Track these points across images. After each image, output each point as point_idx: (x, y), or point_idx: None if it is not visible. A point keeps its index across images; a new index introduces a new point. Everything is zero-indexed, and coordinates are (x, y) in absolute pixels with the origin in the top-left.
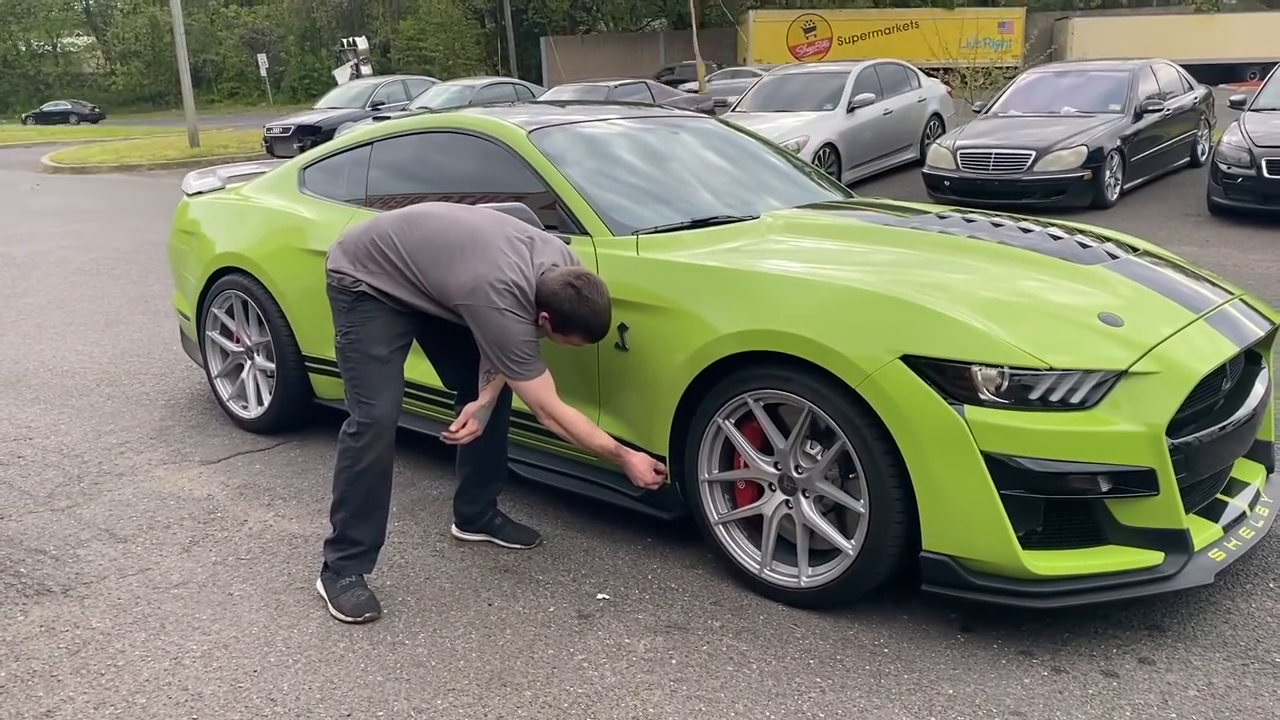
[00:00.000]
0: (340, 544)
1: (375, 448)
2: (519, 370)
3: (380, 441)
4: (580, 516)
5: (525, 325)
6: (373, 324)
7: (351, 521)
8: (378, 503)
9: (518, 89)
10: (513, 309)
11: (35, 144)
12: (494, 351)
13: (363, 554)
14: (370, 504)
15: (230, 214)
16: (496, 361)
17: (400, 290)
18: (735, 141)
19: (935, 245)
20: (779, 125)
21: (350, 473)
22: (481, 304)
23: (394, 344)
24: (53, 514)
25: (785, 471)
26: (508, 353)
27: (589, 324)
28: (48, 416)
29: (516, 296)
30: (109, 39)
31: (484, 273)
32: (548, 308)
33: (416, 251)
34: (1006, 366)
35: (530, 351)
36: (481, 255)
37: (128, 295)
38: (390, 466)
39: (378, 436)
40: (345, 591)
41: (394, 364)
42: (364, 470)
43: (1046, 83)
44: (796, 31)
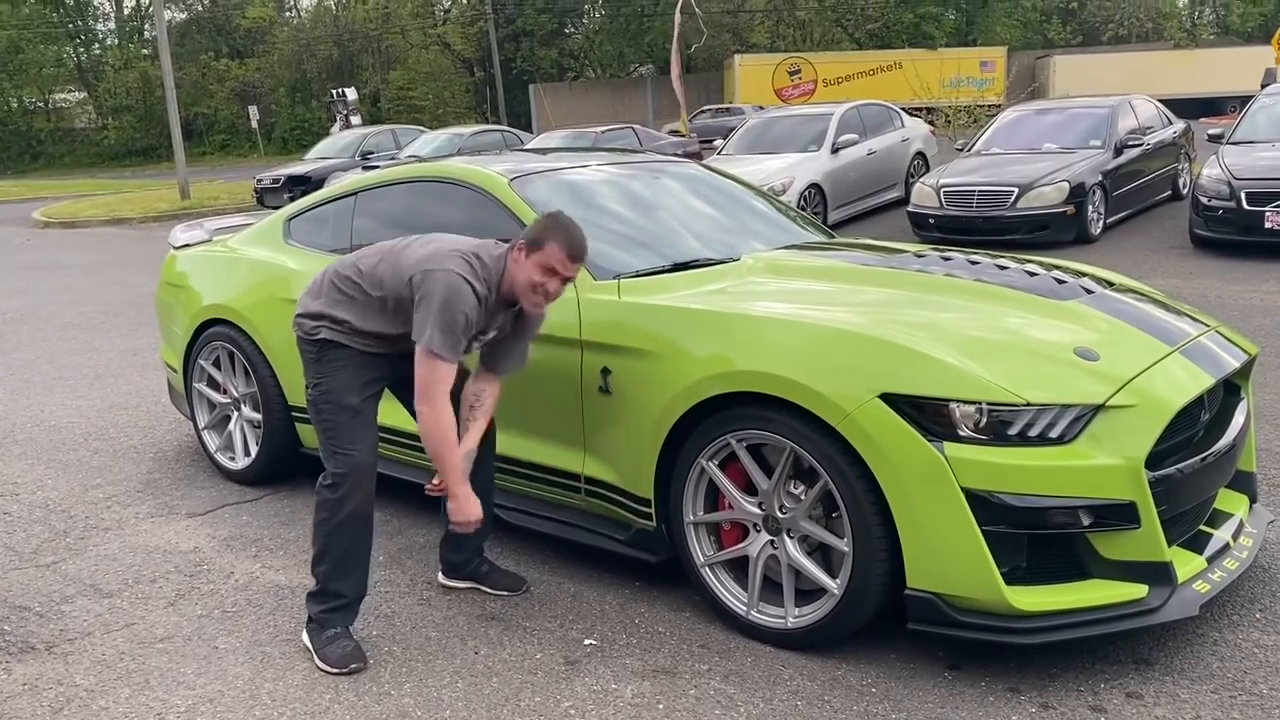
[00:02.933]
0: (323, 597)
1: (353, 498)
2: (439, 343)
3: (358, 491)
4: (567, 561)
5: (472, 295)
6: (342, 373)
7: (333, 574)
8: (359, 554)
9: (505, 136)
10: (465, 272)
11: (27, 199)
12: (427, 312)
13: (346, 606)
14: (351, 556)
15: (216, 266)
16: (422, 323)
17: (362, 316)
18: (716, 185)
19: (913, 284)
20: (764, 167)
21: (329, 525)
22: (435, 268)
23: (365, 392)
24: (38, 570)
25: (770, 512)
26: (440, 317)
27: (566, 230)
28: (34, 471)
29: (471, 263)
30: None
31: (441, 248)
32: (524, 236)
33: (374, 264)
34: (984, 403)
35: (460, 332)
36: (436, 243)
37: (117, 348)
38: (370, 516)
39: (355, 486)
40: (330, 643)
41: (366, 412)
42: (343, 522)
43: (1028, 120)
44: (782, 74)
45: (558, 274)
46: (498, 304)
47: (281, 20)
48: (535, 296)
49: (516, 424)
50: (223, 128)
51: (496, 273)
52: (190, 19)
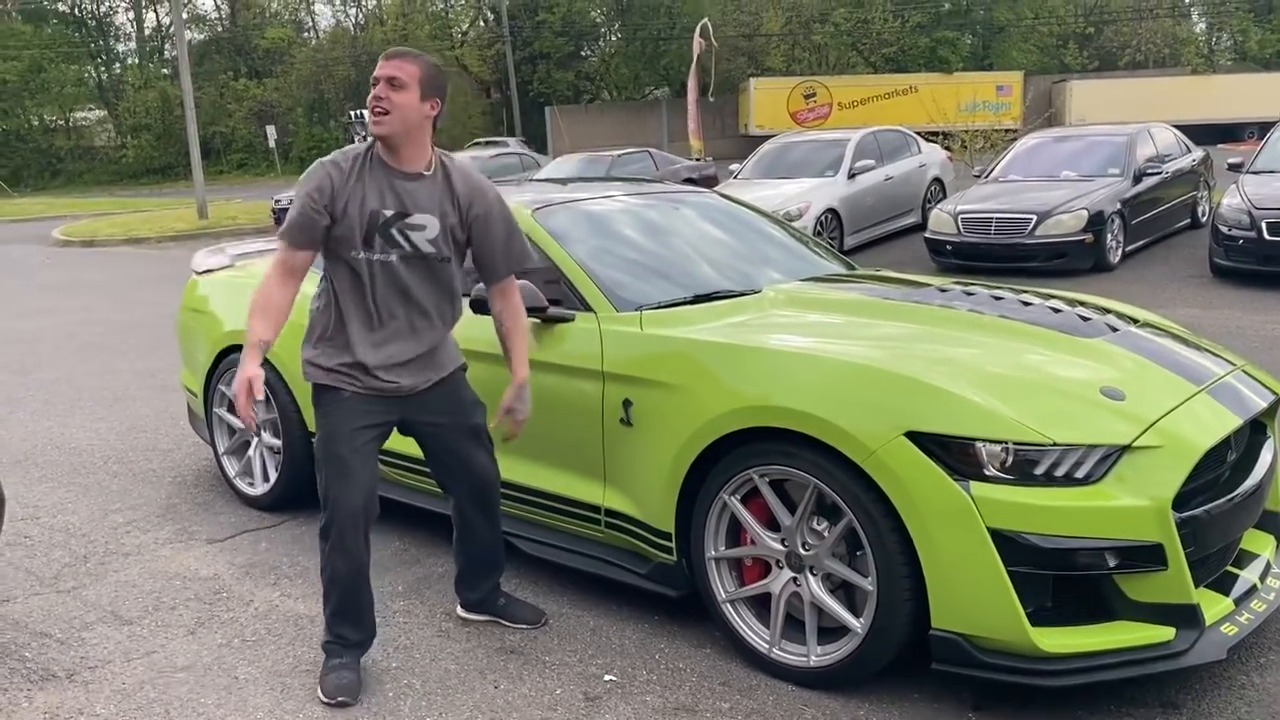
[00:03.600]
0: (328, 630)
1: (340, 549)
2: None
3: (345, 539)
4: (586, 594)
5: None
6: (332, 418)
7: (337, 618)
8: (356, 605)
9: (523, 158)
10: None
11: (47, 217)
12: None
13: (350, 645)
14: (349, 604)
15: (239, 292)
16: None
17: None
18: (736, 215)
19: (937, 320)
20: (780, 192)
21: (326, 574)
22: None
23: (354, 439)
24: (58, 595)
25: (792, 548)
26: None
27: None
28: (55, 495)
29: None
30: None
31: None
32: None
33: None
34: (1010, 442)
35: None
36: None
37: (135, 369)
38: (364, 568)
39: (339, 536)
40: (331, 671)
41: (353, 462)
42: (335, 575)
43: (1046, 147)
44: (797, 98)
45: (379, 78)
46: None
47: (300, 41)
48: (374, 114)
49: (536, 454)
50: (240, 147)
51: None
52: (210, 39)
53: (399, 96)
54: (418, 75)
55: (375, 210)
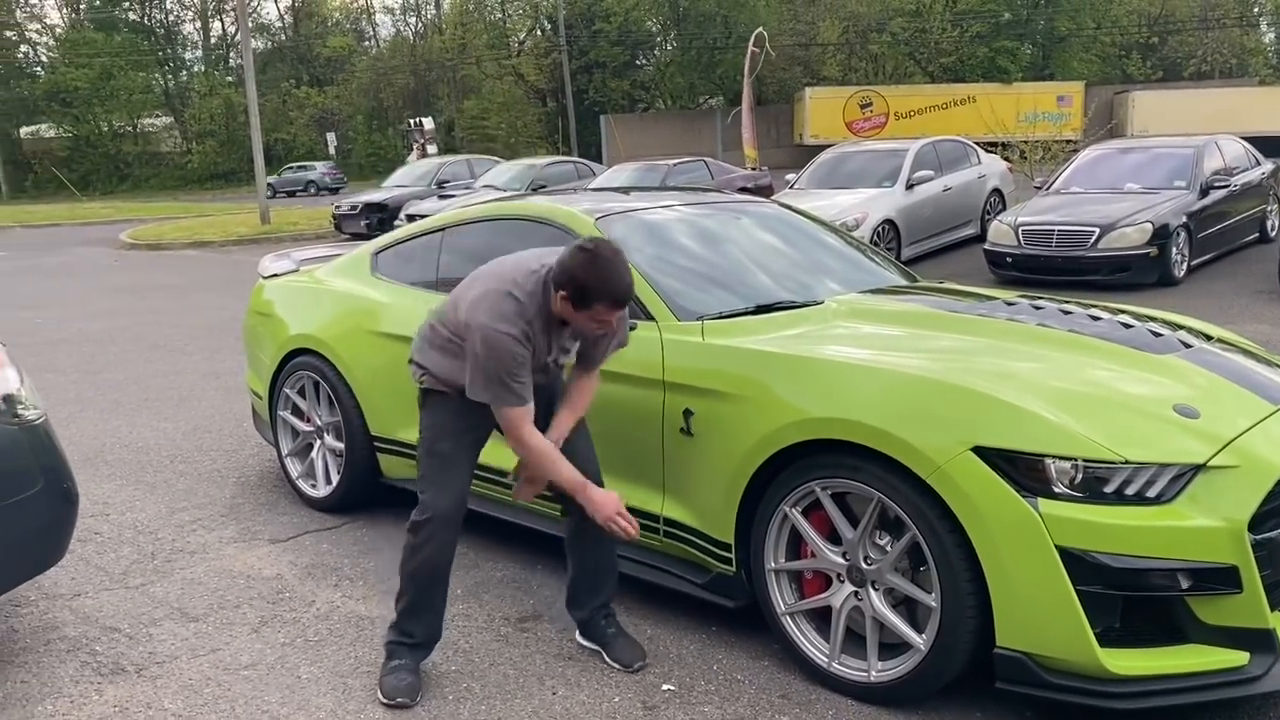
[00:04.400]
0: (395, 629)
1: (428, 547)
2: (501, 399)
3: (433, 541)
4: (643, 603)
5: (513, 344)
6: (438, 417)
7: (408, 613)
8: (430, 603)
9: (579, 167)
10: (499, 324)
11: (114, 221)
12: (478, 373)
13: (414, 645)
14: (424, 601)
15: (304, 297)
16: (477, 386)
17: (451, 364)
18: (798, 226)
19: (1004, 333)
20: (836, 202)
21: (406, 568)
22: (474, 321)
23: (460, 439)
24: (127, 591)
25: (854, 562)
26: (491, 375)
27: (608, 285)
28: (123, 493)
29: (505, 309)
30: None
31: (481, 290)
32: (563, 285)
33: (449, 311)
34: (1080, 459)
35: (517, 378)
36: (485, 280)
37: (200, 371)
38: (445, 567)
39: (430, 535)
40: (391, 672)
41: (457, 461)
42: (417, 568)
43: (1110, 159)
44: (853, 107)
45: (609, 320)
46: (558, 329)
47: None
48: (594, 333)
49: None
50: (301, 153)
51: (538, 305)
52: (273, 48)
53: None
54: None
55: (543, 358)
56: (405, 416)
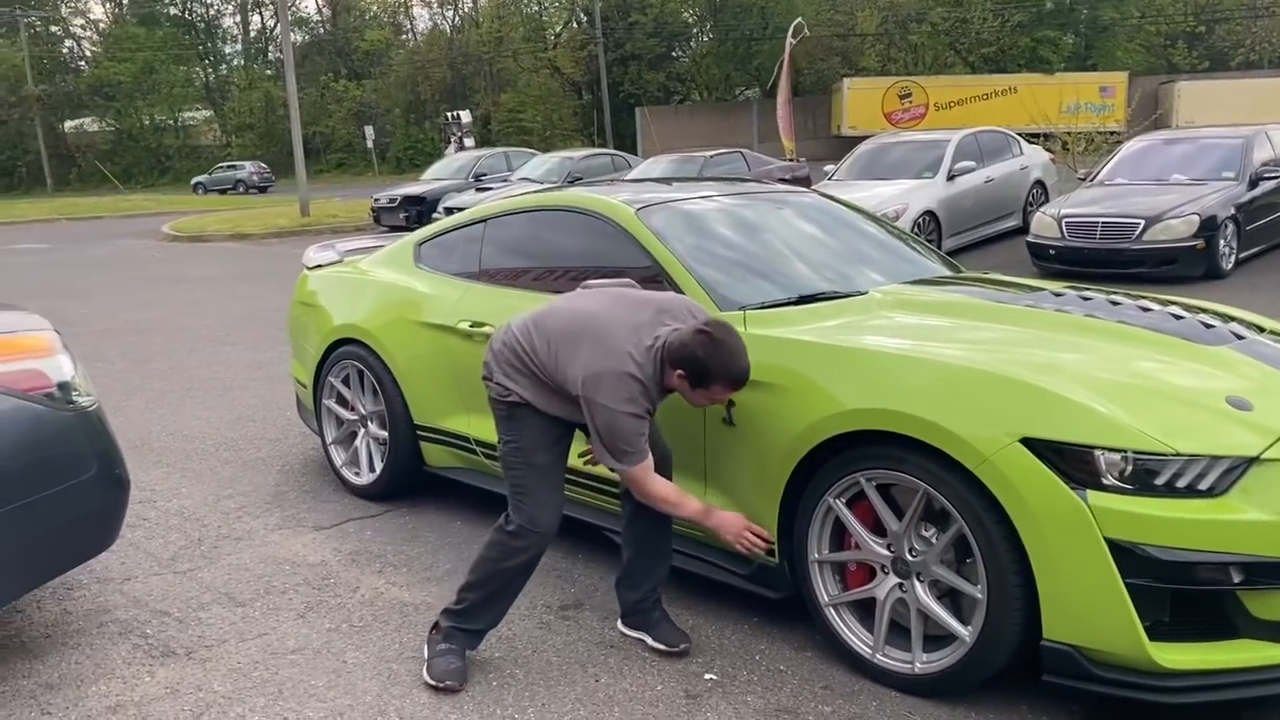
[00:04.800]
0: (460, 617)
1: (526, 554)
2: (622, 461)
3: (534, 549)
4: (687, 593)
5: (636, 421)
6: (530, 430)
7: (480, 605)
8: (512, 591)
9: (615, 159)
10: (624, 406)
11: (156, 214)
12: (600, 442)
13: (475, 633)
14: (505, 591)
15: (348, 287)
16: (600, 451)
17: (541, 395)
18: (840, 216)
19: (1052, 324)
20: (876, 194)
21: (496, 565)
22: (594, 398)
23: (554, 449)
24: (175, 576)
25: (899, 554)
26: (613, 446)
27: (727, 368)
28: (170, 480)
29: (629, 391)
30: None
31: (596, 365)
32: (681, 365)
33: (542, 352)
34: (1130, 451)
35: (634, 446)
36: (595, 346)
37: (243, 361)
38: (535, 565)
39: (534, 546)
40: (441, 656)
41: (555, 471)
42: (511, 569)
43: (1155, 150)
44: (892, 98)
45: (723, 398)
46: (659, 396)
47: (398, 43)
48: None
49: None
50: (339, 146)
51: (654, 377)
52: (311, 41)
53: None
54: None
55: None
56: (447, 405)
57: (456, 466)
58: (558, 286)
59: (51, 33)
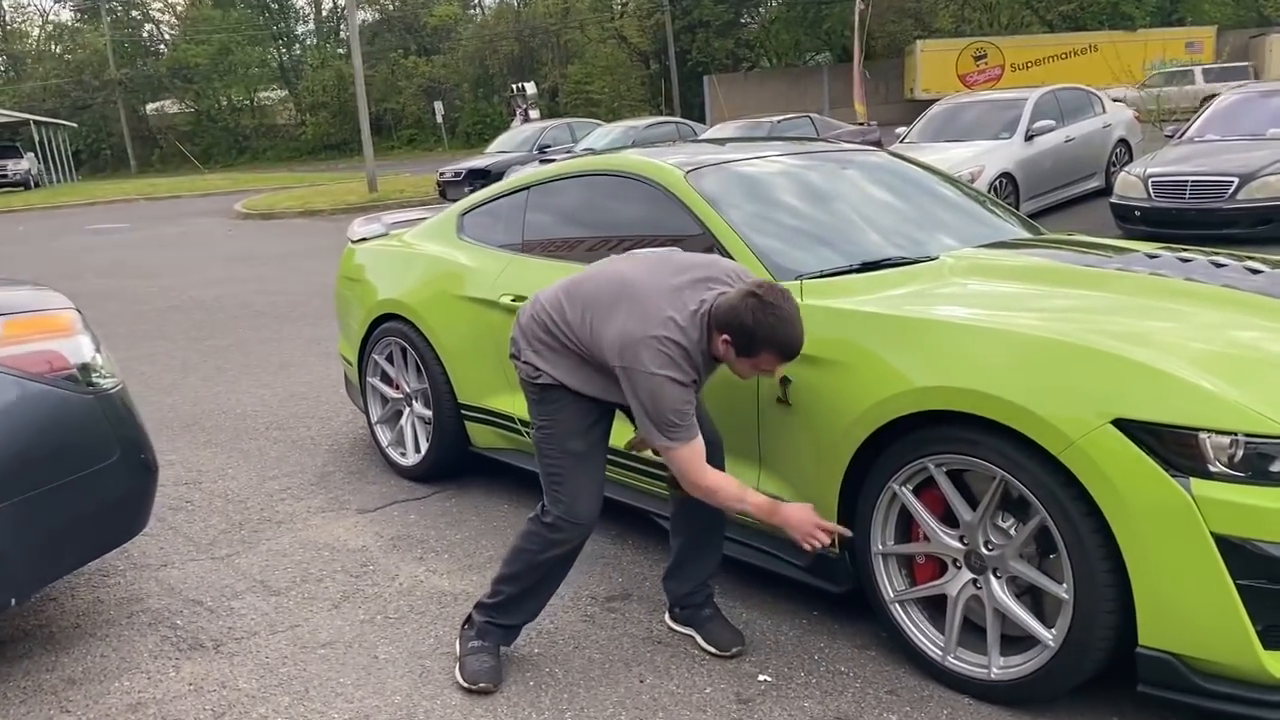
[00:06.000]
0: (493, 611)
1: (563, 546)
2: (670, 437)
3: (573, 541)
4: (739, 584)
5: (681, 389)
6: (564, 414)
7: (515, 599)
8: (552, 583)
9: (680, 128)
10: (667, 370)
11: (230, 192)
12: (644, 416)
13: (511, 628)
14: (541, 587)
15: (391, 261)
16: (645, 426)
17: (576, 374)
18: (910, 176)
19: (1147, 290)
20: (950, 156)
21: (532, 557)
22: (634, 366)
23: (590, 434)
24: (213, 562)
25: (973, 547)
26: (659, 418)
27: (777, 334)
28: (218, 460)
29: (671, 354)
30: (300, 92)
31: (634, 330)
32: (727, 329)
33: (575, 322)
34: (1241, 433)
35: (683, 419)
36: (632, 309)
37: (303, 337)
38: (575, 557)
39: (572, 537)
40: (473, 654)
41: (593, 457)
42: (548, 560)
43: (1251, 103)
44: (966, 59)
45: (772, 369)
46: (706, 366)
47: (466, 18)
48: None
49: None
50: (410, 123)
51: (699, 343)
52: (381, 19)
53: None
54: None
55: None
56: (492, 384)
57: (503, 448)
58: (605, 253)
59: (132, 17)
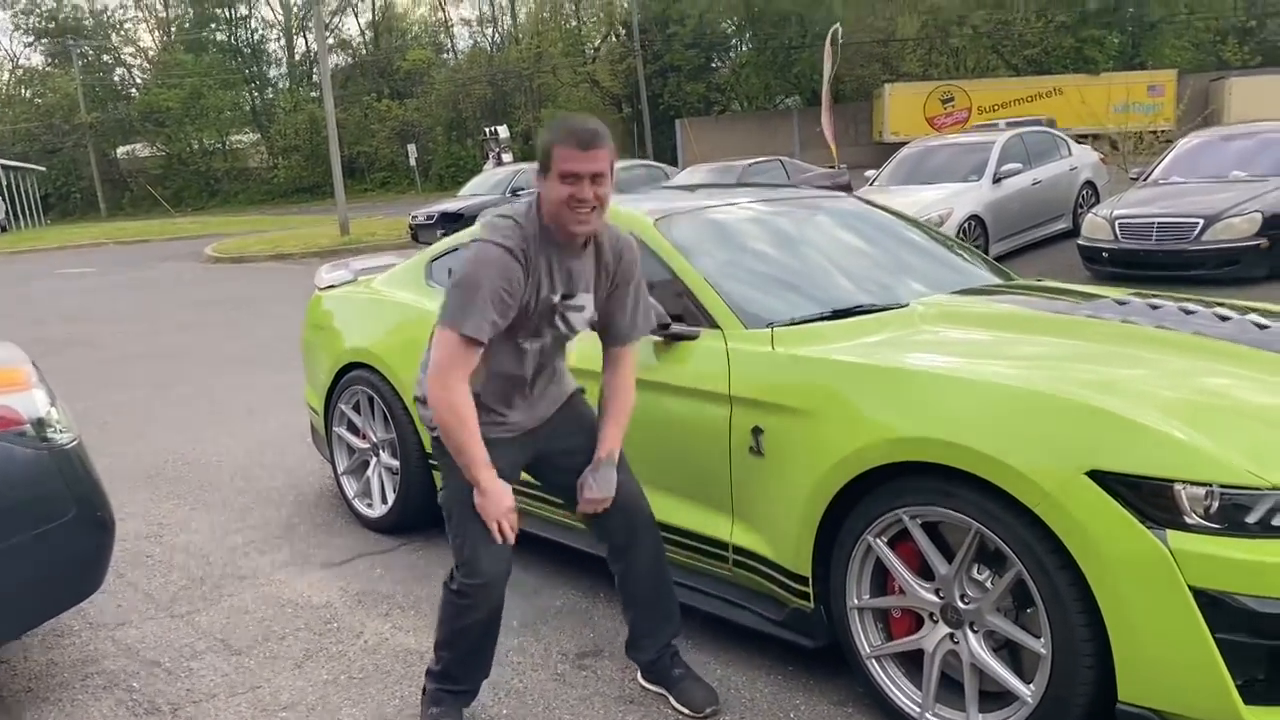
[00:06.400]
0: (441, 679)
1: (483, 607)
2: (451, 314)
3: (488, 602)
4: (713, 638)
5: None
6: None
7: (456, 664)
8: (483, 647)
9: (652, 170)
10: (497, 237)
11: (201, 236)
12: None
13: (462, 693)
14: (481, 647)
15: (359, 308)
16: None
17: None
18: (879, 222)
19: (1117, 337)
20: (919, 199)
21: (454, 625)
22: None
23: None
24: (172, 620)
25: (949, 600)
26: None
27: (562, 125)
28: (180, 512)
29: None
30: (272, 135)
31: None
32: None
33: None
34: (1216, 484)
35: (481, 299)
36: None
37: (270, 383)
38: (499, 613)
39: (486, 597)
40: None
41: None
42: (468, 625)
43: (1212, 147)
44: (934, 103)
45: (581, 174)
46: (559, 254)
47: (439, 62)
48: (576, 213)
49: (658, 483)
50: (383, 165)
51: (534, 221)
52: (354, 63)
53: (604, 190)
54: (611, 160)
55: (547, 296)
56: None
57: None
58: None
59: (103, 61)
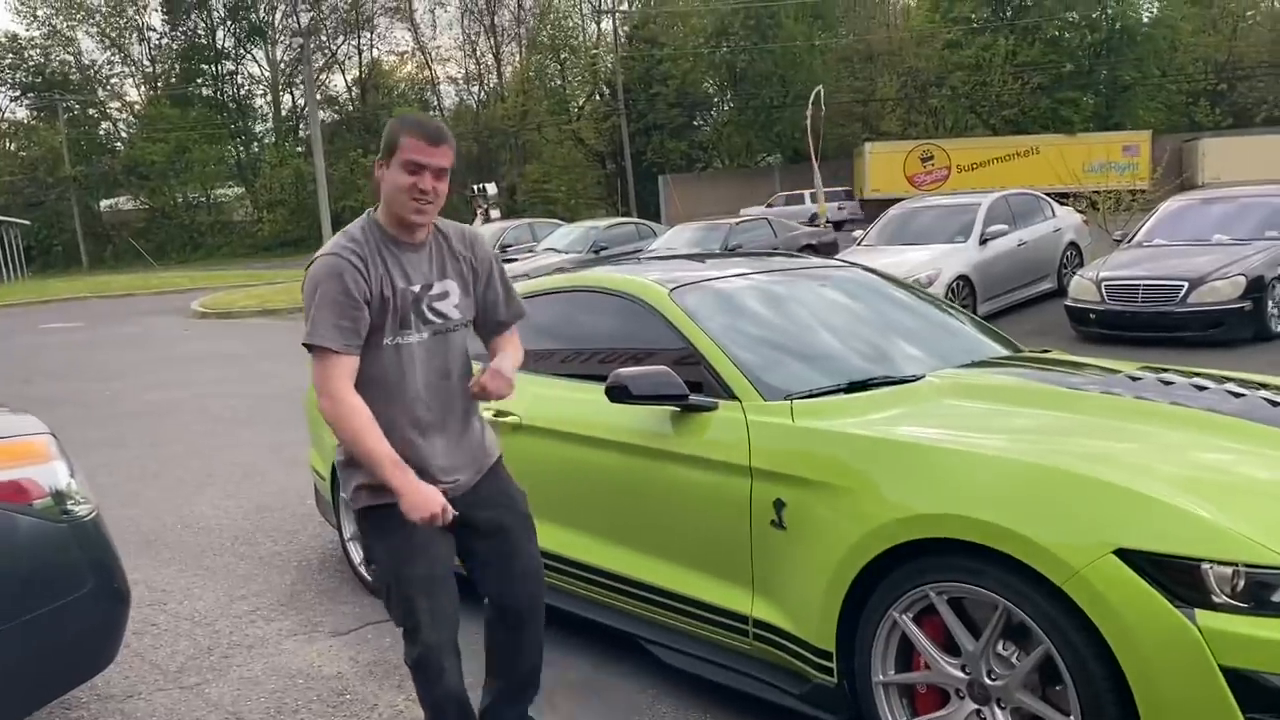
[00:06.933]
0: None
1: (444, 679)
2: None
3: (447, 671)
4: (733, 713)
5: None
6: (393, 538)
7: None
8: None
9: (639, 228)
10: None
11: (187, 290)
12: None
13: None
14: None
15: None
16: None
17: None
18: (888, 294)
19: (1130, 413)
20: (907, 259)
21: (429, 699)
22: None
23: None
24: (181, 692)
25: (975, 677)
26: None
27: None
28: (182, 579)
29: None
30: (257, 189)
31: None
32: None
33: None
34: (1241, 564)
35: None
36: None
37: (265, 443)
38: (462, 691)
39: (440, 669)
40: None
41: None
42: (439, 700)
43: (1194, 210)
44: (914, 161)
45: (425, 166)
46: (398, 249)
47: None
48: (416, 202)
49: (676, 554)
50: None
51: (368, 226)
52: (341, 119)
53: (444, 185)
54: (453, 161)
55: (404, 288)
56: None
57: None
58: (586, 370)
59: (89, 115)
